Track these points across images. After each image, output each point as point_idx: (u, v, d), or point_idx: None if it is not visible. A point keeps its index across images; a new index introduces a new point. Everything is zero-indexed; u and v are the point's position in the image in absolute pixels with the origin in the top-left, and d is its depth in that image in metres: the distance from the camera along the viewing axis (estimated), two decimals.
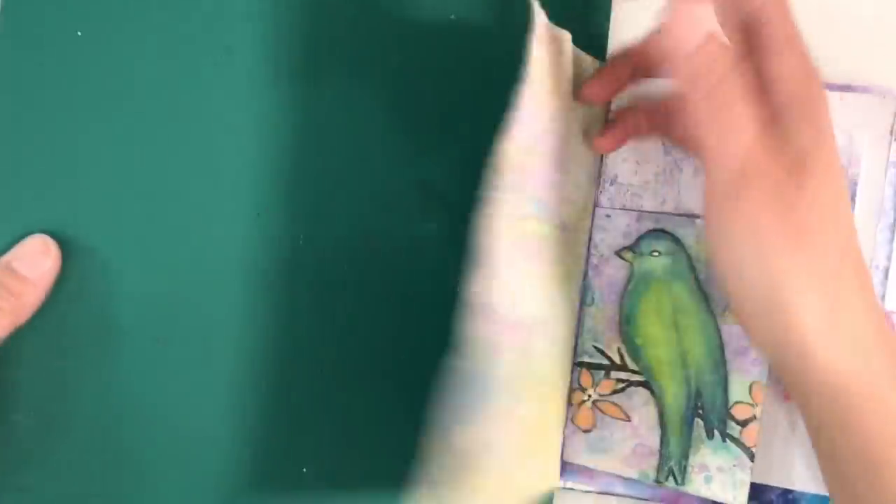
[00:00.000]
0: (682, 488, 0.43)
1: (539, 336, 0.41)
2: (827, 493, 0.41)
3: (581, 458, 0.45)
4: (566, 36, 0.41)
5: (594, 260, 0.46)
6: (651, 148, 0.45)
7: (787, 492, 0.43)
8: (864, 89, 0.44)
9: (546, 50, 0.39)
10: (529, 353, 0.41)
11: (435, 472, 0.40)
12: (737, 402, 0.43)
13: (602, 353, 0.45)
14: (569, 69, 0.41)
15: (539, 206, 0.41)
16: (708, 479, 0.43)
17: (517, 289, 0.40)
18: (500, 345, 0.39)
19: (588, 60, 0.43)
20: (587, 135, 0.44)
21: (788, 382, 0.36)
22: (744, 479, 0.43)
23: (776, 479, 0.43)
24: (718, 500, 0.43)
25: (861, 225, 0.43)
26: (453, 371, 0.39)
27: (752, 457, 0.43)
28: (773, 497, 0.43)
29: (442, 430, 0.39)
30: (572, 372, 0.45)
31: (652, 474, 0.44)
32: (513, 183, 0.39)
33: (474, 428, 0.40)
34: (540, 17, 0.39)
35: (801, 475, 0.43)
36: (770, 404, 0.43)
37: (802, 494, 0.43)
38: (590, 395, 0.45)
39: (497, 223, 0.38)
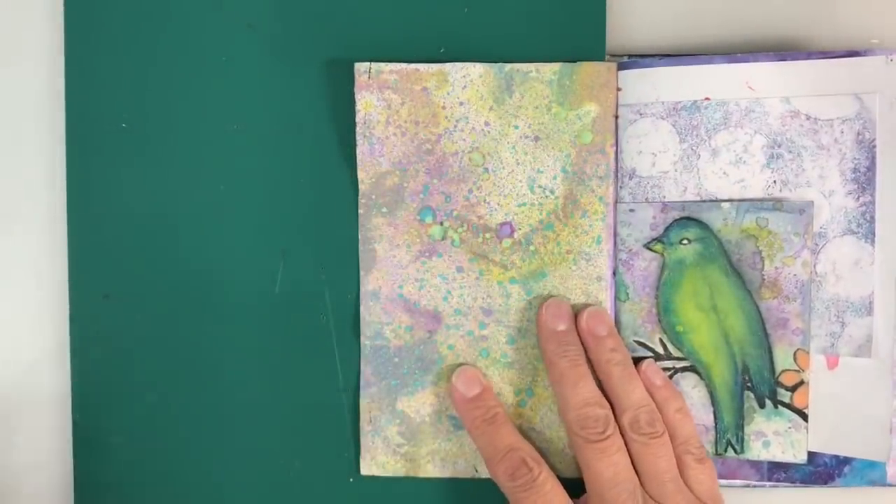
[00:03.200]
0: (742, 456, 0.46)
1: (452, 325, 0.47)
2: (877, 459, 0.44)
3: None
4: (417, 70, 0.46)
5: (623, 255, 0.46)
6: (666, 138, 0.46)
7: (838, 456, 0.46)
8: (870, 53, 0.44)
9: (375, 96, 0.46)
10: (447, 337, 0.47)
11: (389, 438, 0.47)
12: (784, 371, 0.45)
13: (644, 346, 0.46)
14: (435, 96, 0.46)
15: (434, 213, 0.46)
16: (766, 444, 0.46)
17: (421, 283, 0.47)
18: (415, 328, 0.47)
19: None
20: (552, 138, 0.46)
21: None
22: (800, 439, 0.46)
23: (827, 447, 0.46)
24: (779, 460, 0.46)
25: (885, 188, 0.45)
26: (380, 349, 0.47)
27: (805, 417, 0.45)
28: (826, 460, 0.46)
29: (387, 399, 0.47)
30: None
31: (711, 448, 0.46)
32: (392, 199, 0.46)
33: (418, 397, 0.47)
34: (358, 72, 0.46)
35: (852, 442, 0.46)
36: (816, 375, 0.46)
37: (854, 459, 0.46)
38: None
39: (392, 230, 0.46)
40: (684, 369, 0.46)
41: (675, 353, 0.46)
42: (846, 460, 0.46)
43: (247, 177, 0.47)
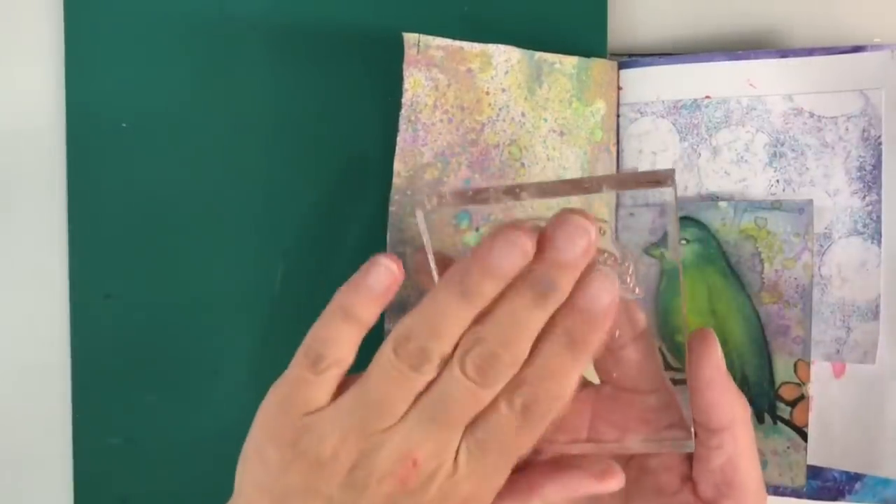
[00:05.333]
0: None
1: None
2: (890, 476, 0.42)
3: None
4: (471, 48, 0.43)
5: None
6: (666, 137, 0.45)
7: (848, 472, 0.44)
8: (875, 48, 0.43)
9: (423, 74, 0.43)
10: None
11: None
12: (783, 383, 0.44)
13: None
14: (481, 81, 0.43)
15: (471, 217, 0.42)
16: (764, 465, 0.44)
17: None
18: None
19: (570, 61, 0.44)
20: (573, 133, 0.44)
21: None
22: (799, 461, 0.44)
23: (835, 462, 0.44)
24: (776, 483, 0.44)
25: (891, 187, 0.43)
26: None
27: (805, 437, 0.43)
28: (836, 476, 0.44)
29: None
30: None
31: None
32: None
33: None
34: (407, 44, 0.42)
35: (862, 456, 0.44)
36: (822, 383, 0.44)
37: (865, 475, 0.44)
38: None
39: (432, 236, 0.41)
40: (683, 381, 0.45)
41: (674, 363, 0.45)
42: (857, 476, 0.44)
43: (247, 177, 0.47)
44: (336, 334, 0.37)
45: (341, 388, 0.38)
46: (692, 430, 0.38)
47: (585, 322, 0.34)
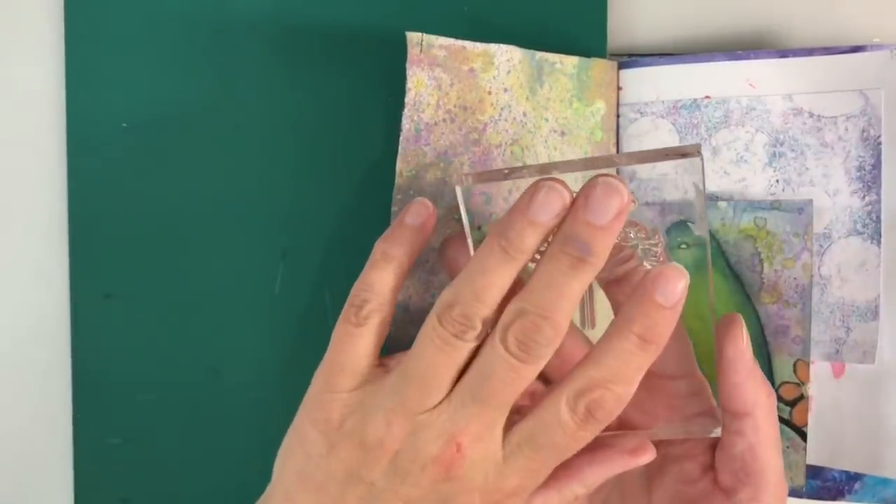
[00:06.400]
0: None
1: None
2: (889, 476, 0.42)
3: None
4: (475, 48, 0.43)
5: None
6: (666, 137, 0.45)
7: (848, 472, 0.44)
8: (874, 48, 0.43)
9: (426, 73, 0.42)
10: None
11: None
12: (783, 383, 0.44)
13: None
14: (483, 80, 0.43)
15: (472, 215, 0.41)
16: None
17: None
18: None
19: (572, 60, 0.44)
20: (573, 134, 0.44)
21: None
22: (799, 461, 0.44)
23: (834, 461, 0.44)
24: None
25: (891, 187, 0.43)
26: None
27: (804, 436, 0.44)
28: (836, 475, 0.44)
29: None
30: None
31: None
32: (430, 197, 0.42)
33: None
34: (410, 43, 0.42)
35: (861, 456, 0.44)
36: (821, 383, 0.44)
37: (865, 475, 0.44)
38: None
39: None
40: None
41: None
42: (857, 476, 0.44)
43: (247, 176, 0.47)
44: (378, 277, 0.38)
45: (385, 366, 0.38)
46: (720, 417, 0.38)
47: (659, 317, 0.33)
